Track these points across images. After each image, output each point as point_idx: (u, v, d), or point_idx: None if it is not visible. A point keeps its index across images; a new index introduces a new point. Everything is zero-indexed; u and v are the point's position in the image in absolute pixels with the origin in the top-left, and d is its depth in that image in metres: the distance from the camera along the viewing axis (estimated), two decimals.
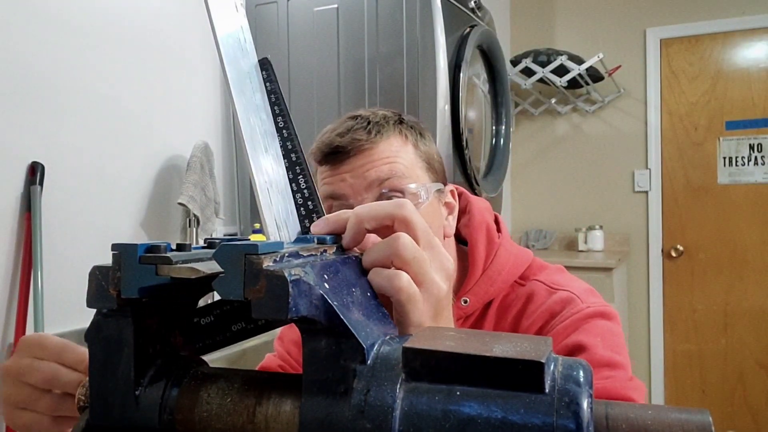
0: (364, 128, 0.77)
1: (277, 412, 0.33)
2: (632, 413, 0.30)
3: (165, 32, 1.92)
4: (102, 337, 0.34)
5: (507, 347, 0.31)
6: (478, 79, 2.18)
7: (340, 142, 0.77)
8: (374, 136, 0.77)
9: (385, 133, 0.78)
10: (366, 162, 0.76)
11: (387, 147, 0.77)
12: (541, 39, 3.66)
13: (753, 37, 3.36)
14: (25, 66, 1.52)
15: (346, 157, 0.77)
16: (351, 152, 0.76)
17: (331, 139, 0.78)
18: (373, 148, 0.77)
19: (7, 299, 1.49)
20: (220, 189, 2.08)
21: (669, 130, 3.51)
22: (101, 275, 0.33)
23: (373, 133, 0.77)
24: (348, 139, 0.77)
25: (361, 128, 0.77)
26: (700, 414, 0.29)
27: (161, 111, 1.91)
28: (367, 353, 0.32)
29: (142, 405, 0.34)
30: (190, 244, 0.35)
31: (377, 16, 1.87)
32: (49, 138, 1.58)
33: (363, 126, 0.78)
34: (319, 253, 0.38)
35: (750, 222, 3.35)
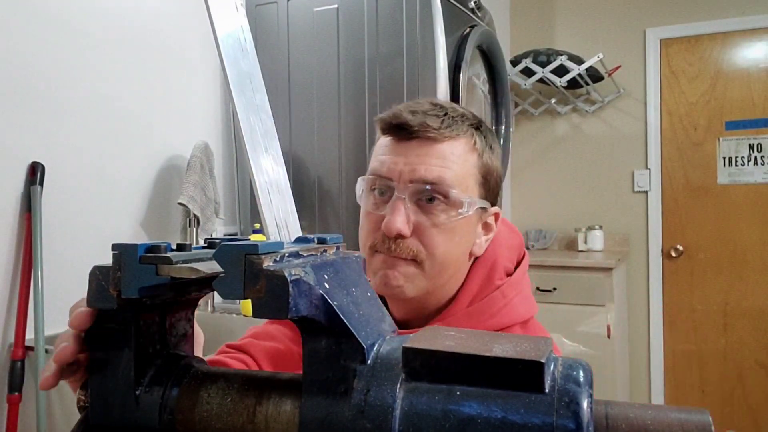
0: (438, 117, 0.74)
1: (277, 412, 0.33)
2: (632, 413, 0.30)
3: (165, 32, 1.92)
4: (102, 337, 0.34)
5: (507, 347, 0.31)
6: (478, 79, 2.18)
7: (409, 120, 0.73)
8: (444, 129, 0.74)
9: (456, 130, 0.75)
10: (424, 153, 0.73)
11: (450, 147, 0.74)
12: (541, 39, 3.66)
13: (753, 37, 3.36)
14: (25, 66, 1.52)
15: (408, 136, 0.74)
16: (415, 134, 0.73)
17: (401, 112, 0.74)
18: (438, 141, 0.73)
19: (7, 299, 1.49)
20: (220, 189, 2.08)
21: (669, 130, 3.51)
22: (101, 275, 0.33)
23: (444, 125, 0.74)
24: (418, 120, 0.73)
25: (435, 116, 0.74)
26: (700, 414, 0.29)
27: (161, 111, 1.91)
28: (367, 353, 0.32)
29: (142, 405, 0.34)
30: (190, 244, 0.35)
31: (377, 16, 1.87)
32: (50, 138, 1.58)
33: (438, 114, 0.75)
34: (320, 253, 0.38)
35: (750, 222, 3.35)
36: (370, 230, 0.76)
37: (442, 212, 0.73)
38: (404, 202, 0.72)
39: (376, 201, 0.76)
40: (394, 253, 0.73)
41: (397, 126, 0.74)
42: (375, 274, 0.75)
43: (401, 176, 0.73)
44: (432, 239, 0.73)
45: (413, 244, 0.73)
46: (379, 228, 0.73)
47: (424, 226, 0.73)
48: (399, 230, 0.71)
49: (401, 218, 0.71)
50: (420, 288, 0.75)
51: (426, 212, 0.73)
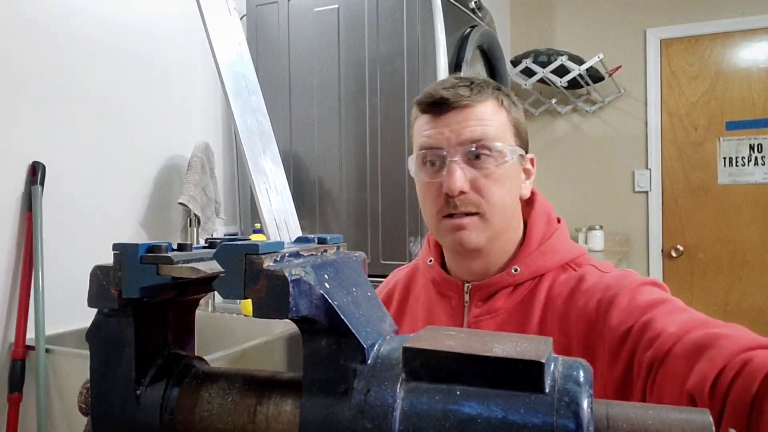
0: (467, 86, 0.85)
1: (278, 412, 0.33)
2: (633, 413, 0.30)
3: (165, 33, 1.92)
4: (103, 337, 0.34)
5: (507, 347, 0.31)
6: None
7: (445, 94, 0.84)
8: (475, 95, 0.85)
9: (484, 94, 0.86)
10: (464, 118, 0.84)
11: (483, 108, 0.85)
12: (541, 39, 3.66)
13: (753, 38, 3.36)
14: (25, 66, 1.52)
15: (447, 109, 0.85)
16: (452, 105, 0.84)
17: (436, 90, 0.86)
18: (472, 106, 0.84)
19: (8, 299, 1.49)
20: (221, 189, 2.08)
21: (669, 131, 3.51)
22: (102, 275, 0.33)
23: (474, 92, 0.85)
24: (452, 93, 0.84)
25: (464, 86, 0.85)
26: (701, 414, 0.29)
27: (161, 111, 1.91)
28: (368, 353, 0.32)
29: (143, 404, 0.34)
30: (191, 244, 0.35)
31: (377, 17, 1.87)
32: (50, 138, 1.58)
33: (466, 85, 0.86)
34: (320, 253, 0.38)
35: (750, 222, 3.35)
36: (433, 198, 0.86)
37: (491, 164, 0.84)
38: (457, 163, 0.83)
39: (431, 171, 0.87)
40: (459, 209, 0.84)
41: (435, 102, 0.85)
42: (446, 236, 0.86)
43: (449, 142, 0.84)
44: (488, 189, 0.84)
45: (474, 198, 0.84)
46: (440, 193, 0.84)
47: (478, 180, 0.84)
48: (460, 187, 0.82)
49: (460, 177, 0.82)
50: (486, 235, 0.85)
51: (477, 168, 0.84)
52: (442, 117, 0.85)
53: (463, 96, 0.84)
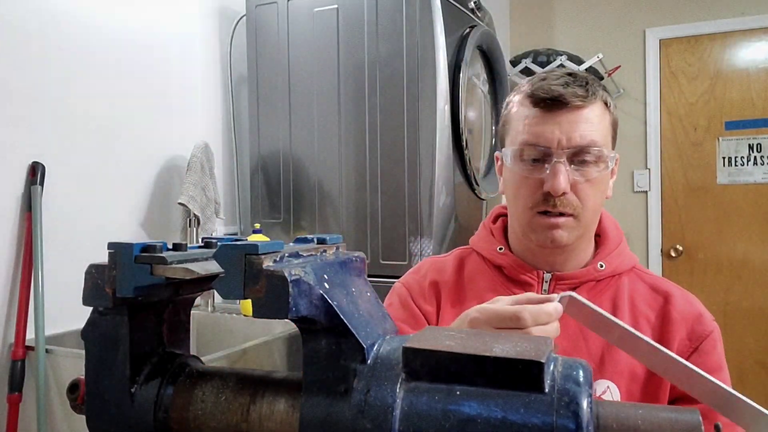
0: (582, 86, 0.85)
1: (271, 411, 0.33)
2: (623, 412, 0.30)
3: (165, 33, 1.92)
4: (98, 335, 0.34)
5: (507, 347, 0.31)
6: (478, 80, 2.18)
7: (562, 92, 0.83)
8: (590, 96, 0.85)
9: (595, 96, 0.86)
10: (575, 120, 0.84)
11: (593, 111, 0.86)
12: (540, 39, 3.66)
13: (752, 37, 3.36)
14: (25, 66, 1.52)
15: (561, 107, 0.84)
16: (568, 104, 0.84)
17: (554, 86, 0.84)
18: (584, 108, 0.85)
19: (7, 299, 1.49)
20: (220, 189, 2.08)
21: (668, 131, 3.51)
22: (97, 273, 0.33)
23: (589, 93, 0.85)
24: (570, 91, 0.84)
25: (579, 85, 0.85)
26: (690, 413, 0.29)
27: (161, 111, 1.91)
28: (367, 353, 0.32)
29: (137, 403, 0.34)
30: (186, 244, 0.35)
31: (377, 17, 1.87)
32: (50, 138, 1.58)
33: (582, 84, 0.85)
34: (319, 253, 0.37)
35: (750, 222, 3.35)
36: (530, 192, 0.87)
37: (593, 169, 0.86)
38: (564, 164, 0.84)
39: (531, 166, 0.87)
40: (557, 208, 0.85)
41: (550, 99, 0.84)
42: (538, 232, 0.88)
43: (559, 143, 0.84)
44: (586, 193, 0.86)
45: (572, 199, 0.85)
46: (538, 189, 0.85)
47: (579, 183, 0.85)
48: (564, 189, 0.84)
49: (564, 179, 0.83)
50: (576, 235, 0.88)
51: (580, 171, 0.85)
52: (554, 114, 0.85)
53: (579, 96, 0.84)
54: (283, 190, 2.04)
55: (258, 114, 2.08)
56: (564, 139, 0.84)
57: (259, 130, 2.08)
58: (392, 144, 1.85)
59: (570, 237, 0.87)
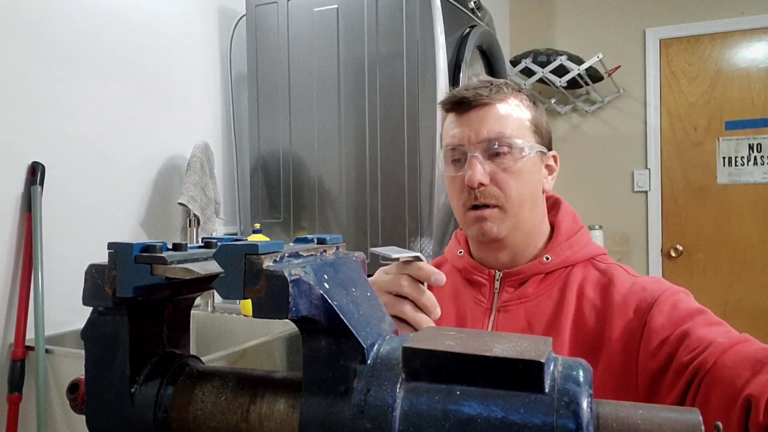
0: (487, 87, 0.93)
1: (271, 411, 0.33)
2: (623, 412, 0.30)
3: (165, 33, 1.92)
4: (97, 335, 0.34)
5: (507, 347, 0.31)
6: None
7: (466, 94, 0.92)
8: (494, 94, 0.92)
9: (503, 94, 0.93)
10: (483, 117, 0.91)
11: (503, 108, 0.92)
12: (540, 39, 3.66)
13: (752, 37, 3.36)
14: (24, 66, 1.52)
15: (468, 107, 0.92)
16: (472, 103, 0.92)
17: (460, 91, 0.94)
18: (492, 105, 0.92)
19: (7, 299, 1.49)
20: (220, 189, 2.08)
21: (668, 130, 3.51)
22: (97, 273, 0.33)
23: (493, 91, 0.92)
24: (472, 93, 0.92)
25: (484, 87, 0.93)
26: (690, 413, 0.29)
27: (161, 111, 1.91)
28: (367, 353, 0.32)
29: (137, 403, 0.34)
30: (186, 244, 0.35)
31: (377, 17, 1.87)
32: (50, 138, 1.58)
33: (486, 86, 0.94)
34: (319, 253, 0.37)
35: (749, 222, 3.35)
36: (458, 191, 0.93)
37: (508, 159, 0.91)
38: (477, 158, 0.90)
39: (455, 168, 0.94)
40: (480, 200, 0.91)
41: (457, 102, 0.93)
42: (471, 226, 0.93)
43: (470, 140, 0.91)
44: (506, 182, 0.91)
45: (493, 190, 0.91)
46: (463, 187, 0.91)
47: (497, 174, 0.91)
48: (479, 179, 0.89)
49: (479, 170, 0.89)
50: (507, 226, 0.92)
51: (496, 163, 0.91)
52: (464, 116, 0.93)
53: (482, 96, 0.91)
54: (283, 189, 2.04)
55: (258, 114, 2.08)
56: (473, 134, 0.91)
57: (259, 130, 2.08)
58: (392, 144, 1.85)
59: (499, 229, 0.91)
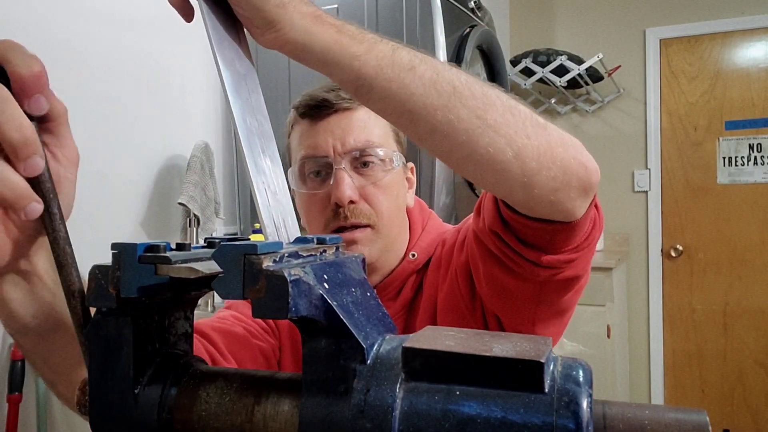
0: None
1: (276, 412, 0.33)
2: (630, 413, 0.30)
3: (165, 33, 1.92)
4: (101, 336, 0.34)
5: (507, 347, 0.31)
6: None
7: (327, 96, 0.80)
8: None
9: None
10: (346, 124, 0.80)
11: (366, 113, 0.81)
12: (540, 39, 3.66)
13: (752, 37, 3.36)
14: None
15: (330, 112, 0.81)
16: (335, 107, 0.80)
17: (317, 93, 0.81)
18: (354, 110, 0.81)
19: None
20: (220, 189, 2.08)
21: (669, 130, 3.51)
22: (101, 274, 0.33)
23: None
24: (334, 95, 0.80)
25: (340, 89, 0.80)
26: (697, 414, 0.29)
27: (161, 111, 1.91)
28: (367, 353, 0.32)
29: (141, 404, 0.34)
30: (190, 244, 0.35)
31: (377, 16, 1.87)
32: None
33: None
34: (319, 253, 0.38)
35: (750, 222, 3.35)
36: (320, 210, 0.81)
37: (378, 171, 0.81)
38: (345, 171, 0.79)
39: (315, 183, 0.82)
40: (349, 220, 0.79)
41: (316, 106, 0.81)
42: None
43: (335, 150, 0.80)
44: (377, 198, 0.81)
45: (365, 208, 0.80)
46: (327, 205, 0.80)
47: (367, 189, 0.81)
48: (350, 196, 0.78)
49: (349, 185, 0.79)
50: (379, 248, 0.82)
51: (365, 176, 0.81)
52: (324, 121, 0.80)
53: (345, 98, 0.80)
54: None
55: None
56: (339, 144, 0.79)
57: None
58: None
59: (371, 252, 0.80)
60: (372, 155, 0.81)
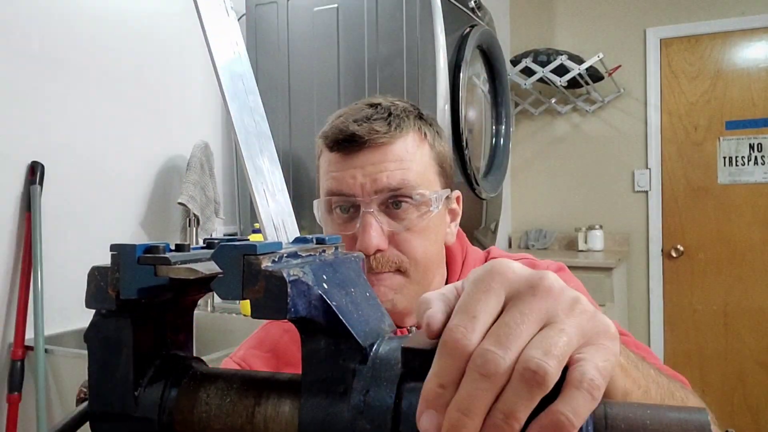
0: (384, 119, 0.72)
1: (276, 413, 0.33)
2: (631, 413, 0.30)
3: (165, 33, 1.92)
4: (101, 338, 0.34)
5: None
6: (478, 79, 2.18)
7: (357, 131, 0.70)
8: (393, 130, 0.71)
9: (404, 128, 0.72)
10: (380, 160, 0.70)
11: (403, 146, 0.72)
12: (541, 39, 3.66)
13: (753, 37, 3.36)
14: (24, 66, 1.52)
15: (360, 148, 0.71)
16: (366, 144, 0.70)
17: (347, 125, 0.71)
18: (390, 144, 0.71)
19: (7, 299, 1.49)
20: (220, 189, 2.08)
21: (669, 130, 3.51)
22: (100, 276, 0.33)
23: (392, 126, 0.71)
24: (366, 129, 0.70)
25: (380, 119, 0.72)
26: (699, 413, 0.29)
27: (161, 111, 1.91)
28: (367, 353, 0.32)
29: (141, 405, 0.34)
30: (189, 245, 0.35)
31: (377, 16, 1.87)
32: (49, 138, 1.58)
33: (383, 117, 0.72)
34: (318, 254, 0.37)
35: (750, 222, 3.35)
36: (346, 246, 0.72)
37: (413, 214, 0.71)
38: (373, 215, 0.70)
39: (342, 220, 0.73)
40: (376, 270, 0.70)
41: (345, 140, 0.71)
42: None
43: (363, 189, 0.70)
44: (410, 244, 0.71)
45: (393, 255, 0.71)
46: (353, 248, 0.70)
47: (398, 234, 0.71)
48: (377, 246, 0.69)
49: (376, 233, 0.69)
50: (410, 296, 0.73)
51: (397, 219, 0.71)
52: (354, 157, 0.71)
53: (379, 132, 0.70)
54: None
55: None
56: (368, 183, 0.70)
57: None
58: None
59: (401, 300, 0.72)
60: (406, 196, 0.71)
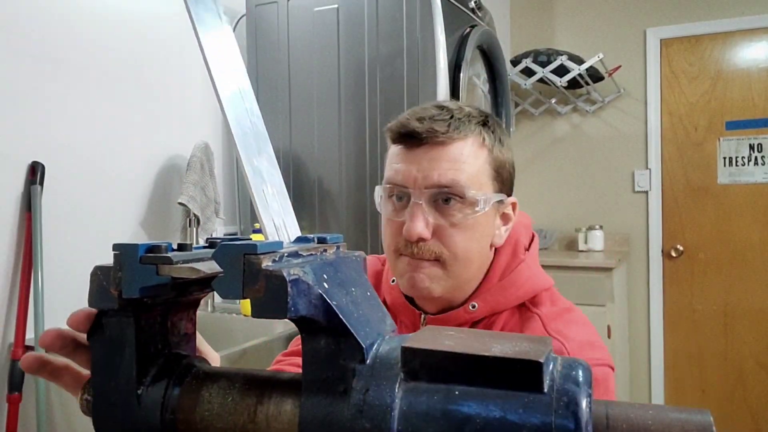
0: (444, 121, 0.77)
1: (278, 412, 0.33)
2: (633, 413, 0.30)
3: (165, 33, 1.92)
4: (104, 337, 0.34)
5: (506, 347, 0.31)
6: (478, 79, 2.18)
7: (417, 128, 0.77)
8: (452, 131, 0.77)
9: (464, 131, 0.78)
10: (435, 158, 0.76)
11: (460, 148, 0.77)
12: (541, 39, 3.66)
13: (753, 37, 3.36)
14: (24, 66, 1.52)
15: (419, 144, 0.77)
16: (424, 141, 0.77)
17: (409, 121, 0.78)
18: (447, 145, 0.77)
19: (7, 299, 1.49)
20: (220, 189, 2.08)
21: (669, 130, 3.51)
22: (103, 275, 0.33)
23: (451, 128, 0.77)
24: (425, 127, 0.76)
25: (441, 120, 0.77)
26: (701, 414, 0.29)
27: (161, 111, 1.91)
28: (367, 353, 0.32)
29: (144, 404, 0.34)
30: (191, 244, 0.35)
31: (377, 17, 1.87)
32: (50, 138, 1.58)
33: (445, 119, 0.77)
34: (319, 253, 0.38)
35: (750, 222, 3.35)
36: (392, 235, 0.79)
37: (459, 212, 0.77)
38: (421, 207, 0.76)
39: (395, 207, 0.80)
40: (417, 255, 0.77)
41: (405, 134, 0.78)
42: (401, 276, 0.80)
43: (416, 183, 0.77)
44: (452, 239, 0.77)
45: (435, 246, 0.77)
46: (401, 233, 0.77)
47: (443, 228, 0.77)
48: (419, 234, 0.75)
49: (420, 223, 0.75)
50: (446, 287, 0.79)
51: (444, 214, 0.77)
52: (413, 152, 0.78)
53: (438, 132, 0.76)
54: None
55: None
56: (421, 177, 0.76)
57: None
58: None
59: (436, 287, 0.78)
60: (455, 194, 0.76)
